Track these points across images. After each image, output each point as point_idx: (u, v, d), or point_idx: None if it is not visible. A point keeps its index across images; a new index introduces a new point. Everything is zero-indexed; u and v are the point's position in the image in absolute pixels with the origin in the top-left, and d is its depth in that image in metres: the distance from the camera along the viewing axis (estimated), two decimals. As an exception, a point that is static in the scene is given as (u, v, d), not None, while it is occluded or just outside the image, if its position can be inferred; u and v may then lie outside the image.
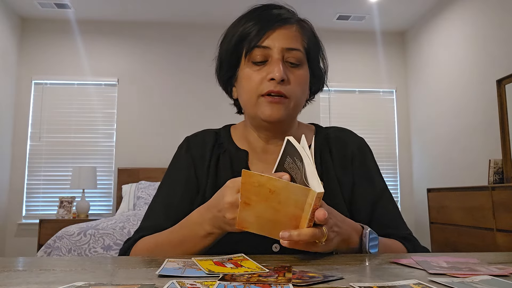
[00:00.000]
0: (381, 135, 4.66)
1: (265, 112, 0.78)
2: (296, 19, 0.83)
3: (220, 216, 0.64)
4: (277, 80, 0.76)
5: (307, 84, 0.84)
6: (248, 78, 0.80)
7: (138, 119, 4.42)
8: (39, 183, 4.25)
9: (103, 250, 2.46)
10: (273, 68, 0.77)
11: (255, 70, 0.79)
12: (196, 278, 0.48)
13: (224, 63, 0.85)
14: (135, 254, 0.78)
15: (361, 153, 0.89)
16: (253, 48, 0.78)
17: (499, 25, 3.27)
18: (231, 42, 0.82)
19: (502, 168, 3.01)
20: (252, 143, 0.87)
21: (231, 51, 0.82)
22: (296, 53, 0.79)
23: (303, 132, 0.89)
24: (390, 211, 0.86)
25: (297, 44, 0.80)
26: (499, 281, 0.47)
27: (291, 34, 0.80)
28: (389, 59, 4.79)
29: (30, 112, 4.31)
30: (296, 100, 0.80)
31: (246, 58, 0.80)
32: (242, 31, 0.80)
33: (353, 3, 4.13)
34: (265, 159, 0.86)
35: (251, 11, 0.83)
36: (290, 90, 0.78)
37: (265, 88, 0.77)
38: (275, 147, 0.85)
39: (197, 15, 4.39)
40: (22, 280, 0.48)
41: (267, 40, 0.78)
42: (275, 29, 0.79)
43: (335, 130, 0.92)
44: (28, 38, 4.39)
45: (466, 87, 3.66)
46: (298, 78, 0.79)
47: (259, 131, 0.85)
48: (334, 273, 0.51)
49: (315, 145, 0.87)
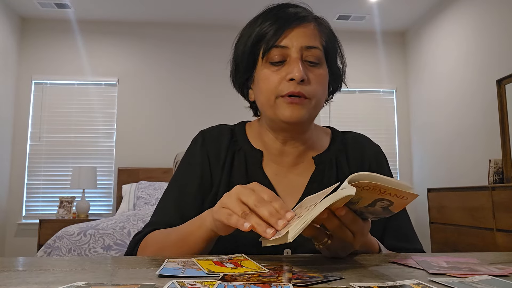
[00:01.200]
0: (381, 135, 4.66)
1: (285, 113, 0.75)
2: (313, 17, 0.81)
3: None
4: (297, 80, 0.74)
5: (327, 83, 0.81)
6: (266, 79, 0.77)
7: (138, 119, 4.42)
8: (39, 183, 4.25)
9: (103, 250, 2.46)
10: (292, 68, 0.74)
11: (273, 70, 0.77)
12: (196, 278, 0.48)
13: (240, 65, 0.82)
14: (145, 246, 0.77)
15: (378, 163, 0.87)
16: (271, 48, 0.76)
17: (499, 25, 3.27)
18: (247, 43, 0.80)
19: (502, 168, 3.01)
20: (267, 144, 0.85)
21: (248, 52, 0.80)
22: (315, 51, 0.77)
23: (319, 135, 0.88)
24: (404, 224, 0.84)
25: (316, 42, 0.78)
26: (499, 281, 0.47)
27: (309, 32, 0.78)
28: (389, 59, 4.79)
29: (30, 112, 4.31)
30: (316, 100, 0.77)
31: (263, 59, 0.78)
32: (258, 31, 0.78)
33: (353, 3, 4.13)
34: (280, 161, 0.84)
35: (267, 11, 0.81)
36: (310, 90, 0.76)
37: (285, 89, 0.75)
38: (292, 148, 0.83)
39: (197, 15, 4.39)
40: (22, 280, 0.48)
41: (285, 39, 0.76)
42: (293, 28, 0.77)
43: (352, 136, 0.90)
44: (28, 38, 4.40)
45: (466, 87, 3.66)
46: (318, 77, 0.77)
47: (277, 132, 0.82)
48: (334, 273, 0.51)
49: (331, 150, 0.86)
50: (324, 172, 0.83)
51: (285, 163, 0.84)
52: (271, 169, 0.84)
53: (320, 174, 0.83)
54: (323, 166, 0.83)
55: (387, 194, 0.53)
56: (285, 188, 0.82)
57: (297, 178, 0.83)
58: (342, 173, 0.83)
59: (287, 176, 0.83)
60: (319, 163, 0.84)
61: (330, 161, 0.84)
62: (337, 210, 0.55)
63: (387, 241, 0.81)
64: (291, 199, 0.80)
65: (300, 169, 0.84)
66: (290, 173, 0.84)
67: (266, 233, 0.54)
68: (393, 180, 0.53)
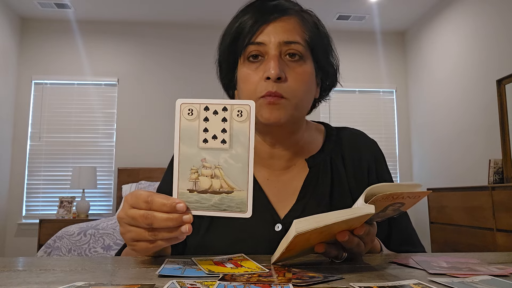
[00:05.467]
0: (381, 135, 4.66)
1: (264, 115, 0.70)
2: (297, 10, 0.75)
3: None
4: (273, 79, 0.68)
5: (312, 81, 0.75)
6: (245, 79, 0.72)
7: (138, 119, 4.42)
8: (39, 183, 4.25)
9: (103, 250, 2.46)
10: (268, 66, 0.69)
11: (252, 69, 0.72)
12: (196, 278, 0.48)
13: (223, 64, 0.78)
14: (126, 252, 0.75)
15: (377, 164, 0.83)
16: (247, 45, 0.71)
17: (499, 25, 3.27)
18: (226, 40, 0.75)
19: (502, 168, 3.01)
20: (256, 147, 0.79)
21: (228, 50, 0.75)
22: (295, 46, 0.71)
23: (312, 134, 0.83)
24: (406, 227, 0.82)
25: (296, 37, 0.72)
26: (499, 281, 0.47)
27: (289, 27, 0.72)
28: (389, 59, 4.79)
29: (30, 112, 4.31)
30: (297, 99, 0.71)
31: (242, 57, 0.73)
32: (237, 27, 0.73)
33: (353, 3, 4.13)
34: (270, 165, 0.80)
35: (248, 4, 0.76)
36: (288, 89, 0.70)
37: (263, 89, 0.69)
38: (282, 151, 0.79)
39: (198, 14, 4.39)
40: (22, 280, 0.48)
41: (262, 35, 0.71)
42: (269, 23, 0.71)
43: (347, 134, 0.84)
44: (28, 38, 4.40)
45: (466, 87, 3.66)
46: (299, 75, 0.71)
47: (264, 134, 0.78)
48: (334, 273, 0.51)
49: (325, 150, 0.81)
50: (318, 174, 0.78)
51: (276, 167, 0.80)
52: (262, 174, 0.79)
53: (314, 177, 0.78)
54: (317, 169, 0.79)
55: (400, 198, 0.53)
56: (277, 193, 0.78)
57: (290, 182, 0.78)
58: (338, 175, 0.79)
59: (279, 181, 0.79)
60: (312, 166, 0.79)
61: (324, 162, 0.79)
62: (356, 230, 0.54)
63: (393, 244, 0.80)
64: (284, 205, 0.76)
65: (293, 173, 0.79)
66: (282, 177, 0.79)
67: (182, 231, 0.51)
68: (403, 184, 0.52)
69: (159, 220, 0.51)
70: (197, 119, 0.52)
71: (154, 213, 0.51)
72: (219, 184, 0.51)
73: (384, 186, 0.52)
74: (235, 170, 0.51)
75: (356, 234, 0.55)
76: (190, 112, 0.52)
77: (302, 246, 0.55)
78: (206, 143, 0.51)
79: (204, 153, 0.51)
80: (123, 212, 0.54)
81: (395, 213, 0.59)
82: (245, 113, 0.51)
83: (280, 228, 0.73)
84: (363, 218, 0.51)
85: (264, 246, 0.70)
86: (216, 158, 0.51)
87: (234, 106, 0.51)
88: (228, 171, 0.51)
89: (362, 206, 0.50)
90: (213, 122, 0.51)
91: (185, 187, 0.52)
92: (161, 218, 0.51)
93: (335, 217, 0.49)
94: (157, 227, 0.52)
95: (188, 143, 0.52)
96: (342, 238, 0.53)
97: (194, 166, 0.51)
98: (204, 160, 0.51)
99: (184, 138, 0.52)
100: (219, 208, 0.51)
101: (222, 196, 0.51)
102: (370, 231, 0.58)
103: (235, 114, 0.51)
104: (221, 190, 0.51)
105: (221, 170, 0.51)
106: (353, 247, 0.56)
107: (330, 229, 0.51)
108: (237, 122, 0.51)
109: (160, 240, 0.53)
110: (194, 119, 0.52)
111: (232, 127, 0.51)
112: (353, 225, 0.53)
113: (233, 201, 0.51)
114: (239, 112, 0.51)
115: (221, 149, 0.51)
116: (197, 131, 0.51)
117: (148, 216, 0.51)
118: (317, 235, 0.52)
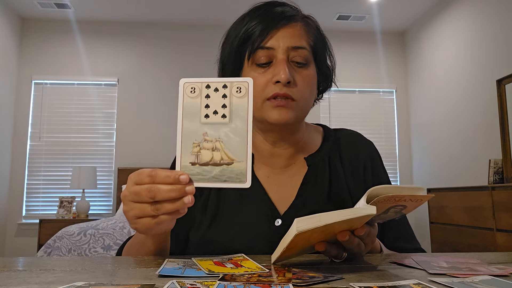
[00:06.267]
0: (381, 135, 4.66)
1: (272, 116, 0.74)
2: (301, 16, 0.79)
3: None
4: (283, 83, 0.72)
5: (315, 84, 0.80)
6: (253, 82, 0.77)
7: (138, 119, 4.42)
8: (39, 183, 4.25)
9: (103, 250, 2.46)
10: (278, 70, 0.73)
11: (259, 73, 0.75)
12: (196, 278, 0.48)
13: (227, 65, 0.80)
14: (126, 252, 0.77)
15: (373, 163, 0.85)
16: (257, 50, 0.74)
17: (499, 25, 3.27)
18: (233, 43, 0.78)
19: (502, 168, 3.01)
20: (257, 146, 0.83)
21: (234, 53, 0.77)
22: (302, 52, 0.75)
23: (311, 134, 0.86)
24: (402, 223, 0.83)
25: (303, 42, 0.76)
26: (499, 281, 0.47)
27: (296, 33, 0.76)
28: (389, 59, 4.79)
29: (30, 112, 4.31)
30: (304, 102, 0.76)
31: (249, 60, 0.76)
32: (244, 31, 0.76)
33: (353, 3, 4.13)
34: (271, 163, 0.83)
35: (254, 9, 0.79)
36: (297, 92, 0.74)
37: (271, 91, 0.73)
38: (282, 150, 0.82)
39: (198, 15, 4.39)
40: (22, 280, 0.48)
41: (271, 40, 0.74)
42: (279, 28, 0.75)
43: (345, 135, 0.88)
44: (28, 38, 4.40)
45: (466, 87, 3.66)
46: (305, 78, 0.75)
47: (266, 133, 0.81)
48: (334, 273, 0.51)
49: (323, 150, 0.84)
50: (317, 172, 0.81)
51: (276, 165, 0.82)
52: (262, 172, 0.82)
53: (313, 175, 0.81)
54: (316, 167, 0.82)
55: (402, 201, 0.54)
56: (277, 190, 0.80)
57: (290, 179, 0.81)
58: (336, 173, 0.81)
59: (280, 178, 0.82)
60: (311, 164, 0.82)
61: (323, 161, 0.82)
62: (357, 231, 0.55)
63: (387, 240, 0.81)
64: (284, 201, 0.78)
65: (292, 171, 0.82)
66: (282, 175, 0.82)
67: (184, 201, 0.52)
68: (406, 187, 0.53)
69: (163, 191, 0.52)
70: (199, 96, 0.54)
71: (158, 186, 0.52)
72: (219, 156, 0.53)
73: (387, 188, 0.53)
74: (234, 142, 0.53)
75: (356, 235, 0.56)
76: (192, 90, 0.54)
77: (302, 245, 0.56)
78: (207, 118, 0.54)
79: (205, 127, 0.53)
80: (126, 190, 0.55)
81: (396, 216, 0.59)
82: (244, 89, 0.53)
83: (280, 223, 0.76)
84: (365, 218, 0.52)
85: (264, 240, 0.74)
86: (217, 132, 0.53)
87: (234, 83, 0.54)
88: (228, 143, 0.53)
89: (364, 207, 0.51)
90: (214, 98, 0.54)
91: (187, 161, 0.53)
92: (165, 189, 0.52)
93: (336, 216, 0.50)
94: (160, 199, 0.53)
95: (190, 118, 0.54)
96: (342, 238, 0.55)
97: (196, 140, 0.53)
98: (205, 134, 0.53)
99: (187, 114, 0.54)
100: (220, 179, 0.52)
101: (222, 168, 0.53)
102: (371, 232, 0.58)
103: (235, 91, 0.53)
104: (222, 162, 0.53)
105: (222, 143, 0.53)
106: (353, 247, 0.57)
107: (331, 228, 0.52)
108: (236, 98, 0.53)
109: (163, 215, 0.54)
110: (196, 96, 0.54)
111: (232, 102, 0.53)
112: (354, 225, 0.54)
113: (233, 172, 0.52)
114: (238, 89, 0.53)
115: (222, 123, 0.53)
116: (199, 107, 0.54)
117: (152, 189, 0.52)
118: (318, 234, 0.53)
